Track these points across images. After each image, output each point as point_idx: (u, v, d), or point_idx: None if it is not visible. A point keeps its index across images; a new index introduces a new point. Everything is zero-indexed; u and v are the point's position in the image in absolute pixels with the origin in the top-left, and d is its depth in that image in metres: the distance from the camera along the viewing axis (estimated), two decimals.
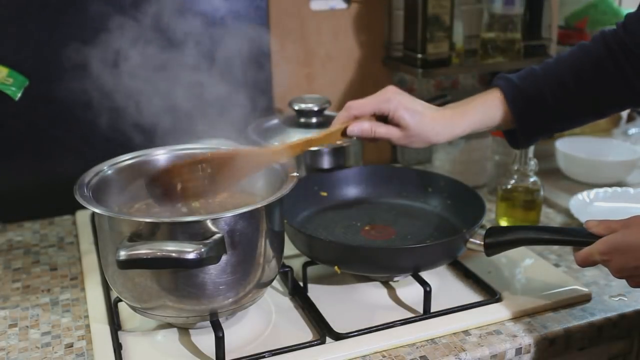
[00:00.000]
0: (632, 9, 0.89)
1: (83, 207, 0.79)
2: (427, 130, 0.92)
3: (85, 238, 1.13)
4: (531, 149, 1.11)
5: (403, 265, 0.92)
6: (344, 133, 0.94)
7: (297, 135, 1.15)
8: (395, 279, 0.97)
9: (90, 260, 1.05)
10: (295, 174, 0.87)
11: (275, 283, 0.96)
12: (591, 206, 1.23)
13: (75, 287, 1.00)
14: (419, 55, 1.29)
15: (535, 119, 0.93)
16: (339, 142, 1.04)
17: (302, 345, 0.82)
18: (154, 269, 0.76)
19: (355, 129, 0.92)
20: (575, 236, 0.86)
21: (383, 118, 0.94)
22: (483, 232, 0.91)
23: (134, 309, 0.84)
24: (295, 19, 1.32)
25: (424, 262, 0.92)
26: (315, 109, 1.16)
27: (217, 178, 0.90)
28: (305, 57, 1.35)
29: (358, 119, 0.93)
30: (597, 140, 1.44)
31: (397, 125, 0.92)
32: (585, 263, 0.81)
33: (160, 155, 0.96)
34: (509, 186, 1.13)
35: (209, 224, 0.75)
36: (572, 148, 1.39)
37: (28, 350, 0.85)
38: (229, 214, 0.76)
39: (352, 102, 0.94)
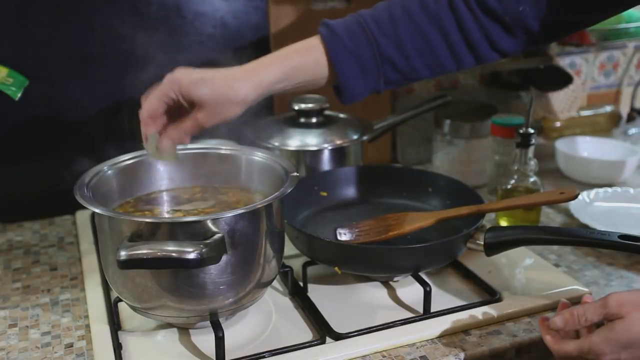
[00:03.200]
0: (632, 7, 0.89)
1: (83, 207, 0.79)
2: (226, 92, 0.79)
3: (85, 238, 1.13)
4: (531, 149, 1.11)
5: (403, 265, 0.92)
6: None
7: (297, 136, 1.15)
8: (395, 279, 0.97)
9: (90, 260, 1.05)
10: (295, 174, 0.87)
11: (275, 283, 0.96)
12: (591, 206, 1.23)
13: (75, 287, 1.00)
14: None
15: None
16: None
17: (302, 345, 0.82)
18: (154, 269, 0.76)
19: (165, 143, 0.82)
20: (575, 236, 0.86)
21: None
22: (483, 232, 0.91)
23: (134, 309, 0.84)
24: (295, 19, 1.32)
25: (424, 262, 0.92)
26: (316, 109, 1.16)
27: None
28: None
29: (157, 121, 0.83)
30: (597, 140, 1.44)
31: (194, 105, 0.80)
32: (586, 355, 0.72)
33: None
34: (509, 186, 1.13)
35: (209, 223, 0.75)
36: (572, 148, 1.39)
37: (28, 350, 0.85)
38: (229, 214, 0.76)
39: (140, 111, 0.83)
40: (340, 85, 0.85)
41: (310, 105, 1.16)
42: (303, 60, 0.83)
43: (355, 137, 1.17)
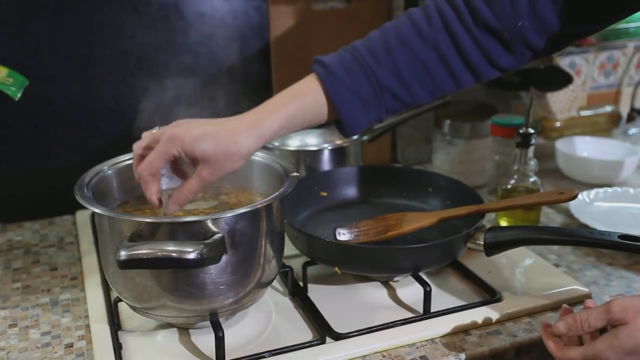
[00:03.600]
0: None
1: (83, 207, 0.79)
2: (230, 147, 0.77)
3: (85, 238, 1.13)
4: (531, 149, 1.11)
5: (403, 265, 0.92)
6: None
7: (297, 136, 1.15)
8: (395, 279, 0.97)
9: (90, 260, 1.05)
10: (295, 174, 0.87)
11: (275, 283, 0.96)
12: (591, 206, 1.23)
13: (75, 287, 1.00)
14: None
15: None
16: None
17: (302, 345, 0.82)
18: (154, 269, 0.76)
19: (171, 209, 0.80)
20: (575, 236, 0.86)
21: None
22: (483, 232, 0.91)
23: (134, 309, 0.84)
24: (295, 19, 1.32)
25: (424, 262, 0.92)
26: None
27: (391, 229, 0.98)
28: (305, 57, 1.35)
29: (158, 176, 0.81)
30: (597, 140, 1.44)
31: (196, 161, 0.78)
32: None
33: None
34: (509, 186, 1.13)
35: (209, 223, 0.75)
36: (572, 148, 1.39)
37: (28, 350, 0.85)
38: (229, 214, 0.76)
39: (139, 167, 0.80)
40: (341, 121, 0.84)
41: None
42: (302, 104, 0.82)
43: (355, 137, 1.17)
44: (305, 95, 0.83)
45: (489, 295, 0.93)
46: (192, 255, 0.71)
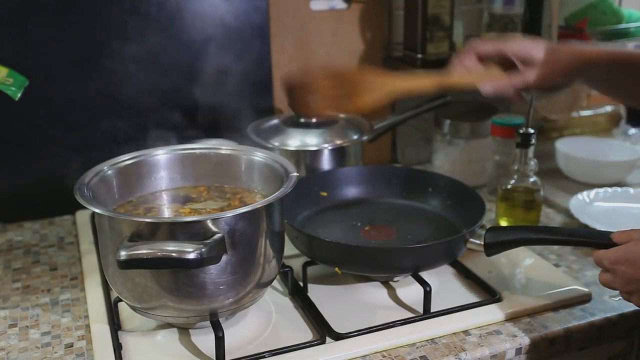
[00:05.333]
0: (632, 8, 0.89)
1: (83, 207, 0.79)
2: (555, 54, 0.87)
3: (85, 238, 1.13)
4: (531, 149, 1.11)
5: (403, 265, 0.92)
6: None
7: (297, 136, 1.15)
8: (395, 279, 0.97)
9: (90, 260, 1.05)
10: (295, 174, 0.87)
11: (275, 283, 0.96)
12: (591, 206, 1.23)
13: (75, 287, 1.00)
14: (419, 55, 1.29)
15: None
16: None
17: (302, 345, 0.82)
18: (154, 269, 0.76)
19: (488, 87, 0.89)
20: (575, 236, 0.86)
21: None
22: (483, 232, 0.91)
23: (134, 309, 0.84)
24: (295, 19, 1.32)
25: (424, 262, 0.92)
26: None
27: (350, 95, 0.88)
28: (305, 57, 1.35)
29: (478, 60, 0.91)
30: (597, 140, 1.44)
31: (526, 63, 0.88)
32: (598, 265, 0.79)
33: (160, 155, 0.96)
34: (509, 186, 1.13)
35: (209, 223, 0.75)
36: (572, 148, 1.39)
37: (28, 350, 0.85)
38: (229, 214, 0.76)
39: (475, 42, 0.92)
40: None
41: None
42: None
43: (355, 137, 1.17)
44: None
45: (489, 295, 0.93)
46: (192, 255, 0.71)
